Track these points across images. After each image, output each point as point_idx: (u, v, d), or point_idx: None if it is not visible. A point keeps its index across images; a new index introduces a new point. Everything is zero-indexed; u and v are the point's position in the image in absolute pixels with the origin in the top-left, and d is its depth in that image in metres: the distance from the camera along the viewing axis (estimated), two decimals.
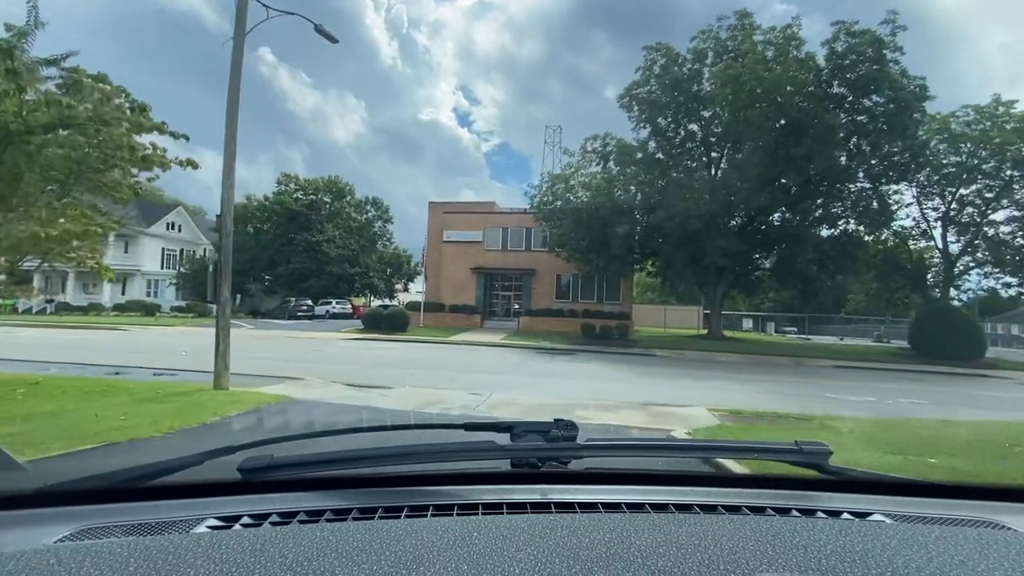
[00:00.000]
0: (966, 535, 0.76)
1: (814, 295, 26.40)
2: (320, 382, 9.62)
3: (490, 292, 33.58)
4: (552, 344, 21.98)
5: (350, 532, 0.73)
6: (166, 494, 0.97)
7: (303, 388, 8.85)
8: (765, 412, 8.43)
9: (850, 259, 23.76)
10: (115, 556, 0.64)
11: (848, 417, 8.12)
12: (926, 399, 11.60)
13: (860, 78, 19.42)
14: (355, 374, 11.32)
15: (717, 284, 25.93)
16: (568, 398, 9.58)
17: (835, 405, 10.19)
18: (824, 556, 0.68)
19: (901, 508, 1.00)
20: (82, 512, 0.89)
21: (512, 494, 1.00)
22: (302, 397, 7.90)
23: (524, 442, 1.06)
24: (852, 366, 19.02)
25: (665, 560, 0.65)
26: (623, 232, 21.36)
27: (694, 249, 21.34)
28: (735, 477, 1.35)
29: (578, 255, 25.20)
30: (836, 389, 12.48)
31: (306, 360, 13.77)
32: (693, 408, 8.64)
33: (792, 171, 19.00)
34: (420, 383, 10.48)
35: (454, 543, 0.69)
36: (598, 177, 23.52)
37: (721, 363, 18.08)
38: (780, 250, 24.39)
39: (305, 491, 0.99)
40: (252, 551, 0.66)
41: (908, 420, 8.09)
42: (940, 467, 4.58)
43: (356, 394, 8.68)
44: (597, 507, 0.95)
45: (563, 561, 0.65)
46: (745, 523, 0.81)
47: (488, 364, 14.56)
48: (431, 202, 34.81)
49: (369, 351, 16.95)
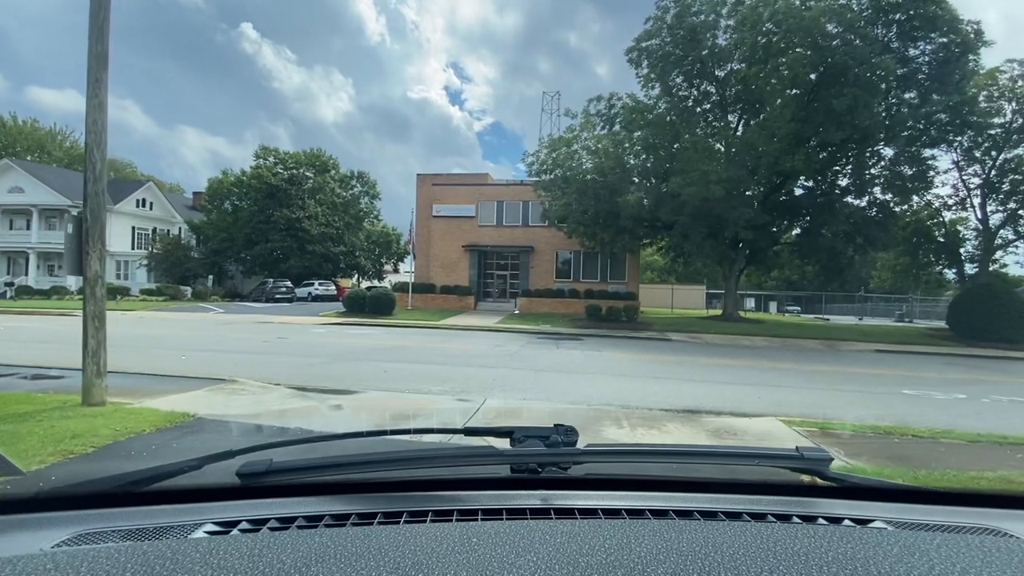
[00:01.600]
0: (968, 542, 0.74)
1: (838, 271, 24.09)
2: (257, 385, 7.21)
3: (484, 271, 31.06)
4: (554, 328, 19.62)
5: (349, 538, 0.71)
6: (164, 499, 0.96)
7: (225, 397, 6.44)
8: (861, 425, 6.11)
9: (883, 231, 21.43)
10: (112, 561, 0.63)
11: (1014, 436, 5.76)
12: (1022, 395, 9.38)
13: (908, 19, 16.78)
14: (313, 371, 8.93)
15: (734, 260, 23.58)
16: (587, 402, 7.24)
17: (929, 408, 7.92)
18: (825, 563, 0.66)
19: (903, 515, 0.98)
20: (79, 517, 0.88)
21: (512, 500, 0.99)
22: (213, 414, 5.49)
23: (524, 447, 1.05)
24: (896, 351, 16.82)
25: (666, 567, 0.65)
26: (634, 201, 18.83)
27: (714, 220, 18.90)
28: (736, 483, 1.13)
29: (582, 229, 22.70)
30: (903, 382, 10.22)
31: (260, 352, 11.35)
32: (759, 421, 6.32)
33: (831, 127, 16.39)
34: (395, 383, 8.11)
35: (453, 549, 0.68)
36: (605, 140, 20.84)
37: (749, 349, 15.82)
38: (806, 221, 22.01)
39: (304, 496, 0.98)
40: (250, 556, 0.65)
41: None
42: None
43: (297, 404, 6.29)
44: (597, 513, 0.93)
45: (563, 568, 0.64)
46: (746, 530, 0.80)
47: (482, 354, 12.20)
48: (419, 174, 32.01)
49: (343, 339, 14.54)
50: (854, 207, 20.57)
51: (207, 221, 40.40)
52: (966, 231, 24.69)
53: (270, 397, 6.58)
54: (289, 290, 33.79)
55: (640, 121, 20.62)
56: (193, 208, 47.00)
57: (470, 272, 30.18)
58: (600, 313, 22.32)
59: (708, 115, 23.24)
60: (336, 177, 43.81)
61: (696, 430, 5.85)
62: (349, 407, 6.33)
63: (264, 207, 38.46)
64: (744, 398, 7.93)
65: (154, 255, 38.57)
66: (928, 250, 23.99)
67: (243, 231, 38.59)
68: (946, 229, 23.91)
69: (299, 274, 37.98)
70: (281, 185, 38.91)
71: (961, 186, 22.50)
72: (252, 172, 39.89)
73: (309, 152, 43.47)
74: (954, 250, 23.74)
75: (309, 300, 33.53)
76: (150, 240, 40.56)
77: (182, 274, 39.00)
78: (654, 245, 25.84)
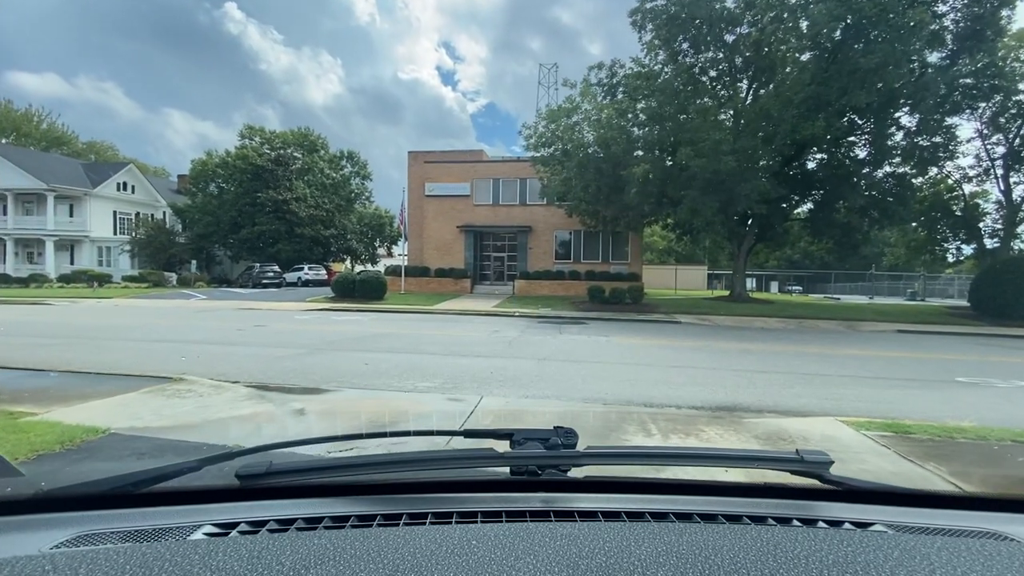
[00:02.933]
0: (969, 546, 0.73)
1: (853, 248, 22.94)
2: (209, 385, 6.03)
3: (481, 253, 29.80)
4: (555, 311, 18.48)
5: (348, 540, 0.71)
6: (164, 500, 0.95)
7: (162, 401, 5.26)
8: (942, 427, 4.97)
9: (902, 204, 20.21)
10: (111, 562, 0.63)
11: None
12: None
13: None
14: (283, 365, 7.76)
15: (743, 237, 22.38)
16: (602, 400, 6.11)
17: (997, 399, 6.81)
18: (826, 567, 0.66)
19: (903, 519, 0.97)
20: (79, 518, 0.88)
21: (511, 502, 0.98)
22: (133, 428, 4.30)
23: (524, 449, 1.04)
24: (920, 331, 15.76)
25: (665, 570, 0.64)
26: (641, 173, 17.50)
27: (725, 195, 17.63)
28: (736, 486, 1.11)
29: (583, 206, 21.40)
30: (951, 368, 9.14)
31: (230, 342, 10.16)
32: (814, 422, 5.20)
33: (856, 88, 15.00)
34: (375, 378, 6.95)
35: (453, 551, 0.68)
36: (608, 109, 19.39)
37: (766, 331, 14.72)
38: (820, 195, 20.76)
39: (303, 498, 0.97)
40: (249, 558, 0.64)
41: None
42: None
43: (249, 409, 5.11)
44: (597, 516, 0.93)
45: (563, 570, 0.64)
46: (746, 533, 0.79)
47: (478, 341, 11.05)
48: (411, 151, 30.49)
49: (326, 326, 13.36)
50: (875, 178, 19.30)
51: (192, 204, 38.82)
52: (986, 204, 23.49)
53: (219, 400, 5.40)
54: (277, 275, 32.48)
55: (645, 88, 19.17)
56: (179, 192, 45.29)
57: (465, 254, 28.92)
58: (603, 295, 21.16)
59: (716, 84, 21.79)
60: (325, 157, 42.10)
61: (741, 436, 4.71)
62: (314, 412, 5.16)
63: (250, 189, 36.87)
64: (781, 390, 6.82)
65: (137, 240, 37.10)
66: (946, 225, 22.80)
67: (229, 214, 37.07)
68: (965, 202, 22.68)
69: (288, 258, 36.61)
70: (267, 165, 37.26)
71: (984, 156, 21.18)
72: (237, 152, 38.18)
73: (297, 131, 41.70)
74: (973, 224, 22.56)
75: (299, 285, 32.27)
76: (133, 225, 39.03)
77: (167, 260, 37.57)
78: (660, 223, 24.52)
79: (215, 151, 40.45)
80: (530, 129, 22.37)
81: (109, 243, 38.06)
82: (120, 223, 39.28)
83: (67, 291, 27.08)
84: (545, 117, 21.88)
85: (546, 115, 21.91)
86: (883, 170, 20.18)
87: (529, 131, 22.28)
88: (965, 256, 24.77)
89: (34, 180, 34.52)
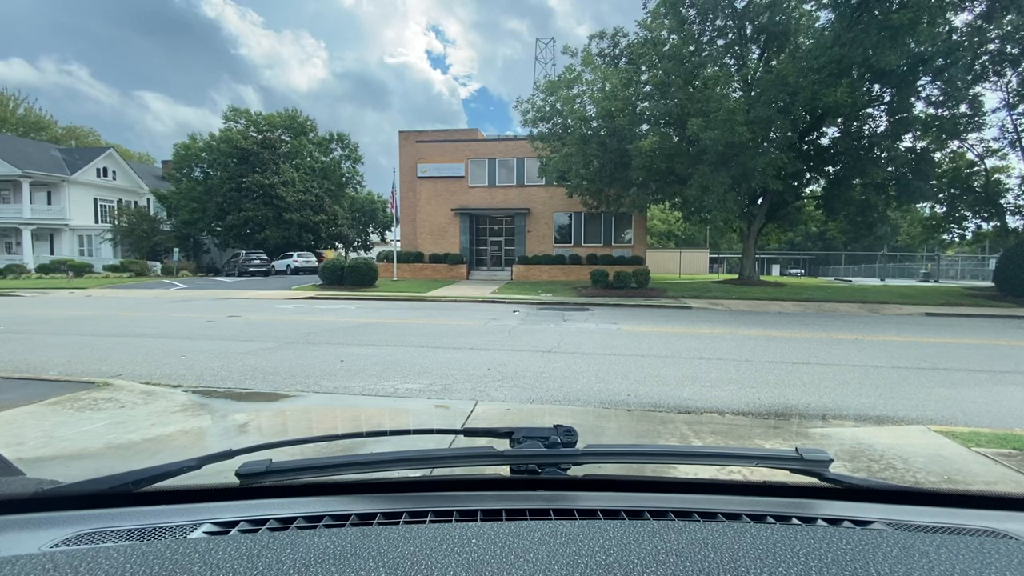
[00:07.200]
0: (968, 544, 0.73)
1: (868, 227, 21.79)
2: (140, 391, 4.87)
3: (477, 237, 28.55)
4: (556, 297, 17.33)
5: (348, 538, 0.70)
6: (164, 499, 0.95)
7: (67, 416, 4.10)
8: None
9: (924, 180, 19.02)
10: (111, 561, 0.63)
11: None
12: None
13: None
14: (245, 362, 6.59)
15: (755, 216, 21.19)
16: (624, 402, 4.99)
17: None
18: (825, 565, 0.66)
19: (902, 516, 0.96)
20: (79, 517, 0.87)
21: (511, 501, 0.98)
22: (18, 457, 3.16)
23: (523, 448, 1.03)
24: (949, 314, 14.68)
25: (665, 568, 0.64)
26: (648, 146, 16.22)
27: (738, 169, 16.39)
28: (735, 484, 1.09)
29: (585, 184, 20.12)
30: (1008, 356, 8.05)
31: (193, 336, 8.98)
32: (904, 432, 4.08)
33: (885, 49, 13.68)
34: (350, 378, 5.80)
35: (453, 549, 0.68)
36: (612, 78, 18.01)
37: (785, 315, 13.62)
38: (837, 170, 19.53)
39: (303, 496, 0.97)
40: (249, 557, 0.64)
41: None
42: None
43: (177, 426, 3.94)
44: (596, 514, 0.92)
45: (562, 568, 0.64)
46: (745, 531, 0.78)
47: (474, 331, 9.91)
48: (402, 131, 29.06)
49: (307, 316, 12.19)
50: (896, 151, 18.06)
51: (175, 191, 37.33)
52: (1008, 180, 22.27)
53: (142, 414, 4.24)
54: (264, 262, 31.19)
55: (653, 55, 17.80)
56: (164, 179, 43.68)
57: (461, 238, 27.67)
58: (607, 279, 20.01)
59: (725, 53, 20.41)
60: (314, 140, 40.56)
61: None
62: (261, 426, 4.01)
63: (235, 173, 35.40)
64: (836, 388, 5.70)
65: (119, 228, 35.66)
66: (967, 202, 21.62)
67: (214, 200, 35.64)
68: (986, 178, 21.47)
69: (277, 245, 35.29)
70: (253, 148, 35.74)
71: (1011, 128, 19.90)
72: (222, 135, 36.62)
73: (284, 113, 40.10)
74: (995, 201, 21.38)
75: (288, 273, 31.04)
76: (115, 213, 37.55)
77: (151, 248, 36.20)
78: (667, 201, 23.27)
79: (199, 135, 38.88)
80: (527, 103, 20.98)
81: (90, 232, 36.62)
82: (101, 211, 37.81)
83: (43, 282, 25.80)
84: (543, 89, 20.45)
85: (545, 87, 20.48)
86: (904, 143, 18.95)
87: (526, 105, 20.89)
88: (982, 233, 23.55)
89: (7, 166, 32.96)
